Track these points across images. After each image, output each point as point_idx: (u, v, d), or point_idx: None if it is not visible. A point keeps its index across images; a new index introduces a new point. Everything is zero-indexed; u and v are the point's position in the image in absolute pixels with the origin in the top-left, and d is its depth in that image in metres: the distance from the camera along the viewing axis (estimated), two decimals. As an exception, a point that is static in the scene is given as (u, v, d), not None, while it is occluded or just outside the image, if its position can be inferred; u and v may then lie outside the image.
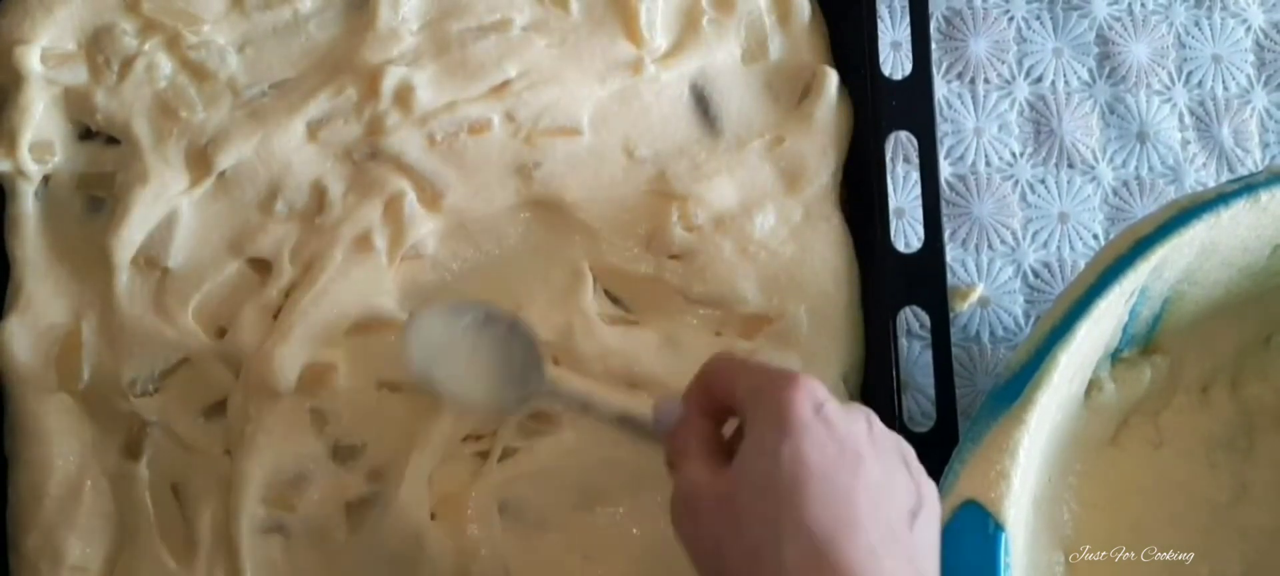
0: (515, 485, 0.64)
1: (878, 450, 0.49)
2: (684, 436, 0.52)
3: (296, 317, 0.64)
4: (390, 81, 0.67)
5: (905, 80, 0.69)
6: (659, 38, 0.70)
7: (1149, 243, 0.57)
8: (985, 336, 0.73)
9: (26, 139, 0.65)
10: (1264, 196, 0.58)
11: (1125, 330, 0.63)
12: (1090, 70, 0.78)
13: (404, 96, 0.67)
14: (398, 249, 0.66)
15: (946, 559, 0.49)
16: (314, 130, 0.67)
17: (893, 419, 0.65)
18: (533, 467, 0.65)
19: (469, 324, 0.62)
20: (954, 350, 0.66)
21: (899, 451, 0.50)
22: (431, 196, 0.67)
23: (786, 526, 0.46)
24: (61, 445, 0.63)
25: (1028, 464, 0.56)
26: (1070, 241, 0.75)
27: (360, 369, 0.65)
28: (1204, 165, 0.77)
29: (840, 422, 0.48)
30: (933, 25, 0.75)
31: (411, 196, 0.66)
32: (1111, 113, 0.77)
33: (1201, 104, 0.78)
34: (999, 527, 0.54)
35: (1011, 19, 0.78)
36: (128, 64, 0.67)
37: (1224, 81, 0.78)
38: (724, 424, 0.53)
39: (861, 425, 0.49)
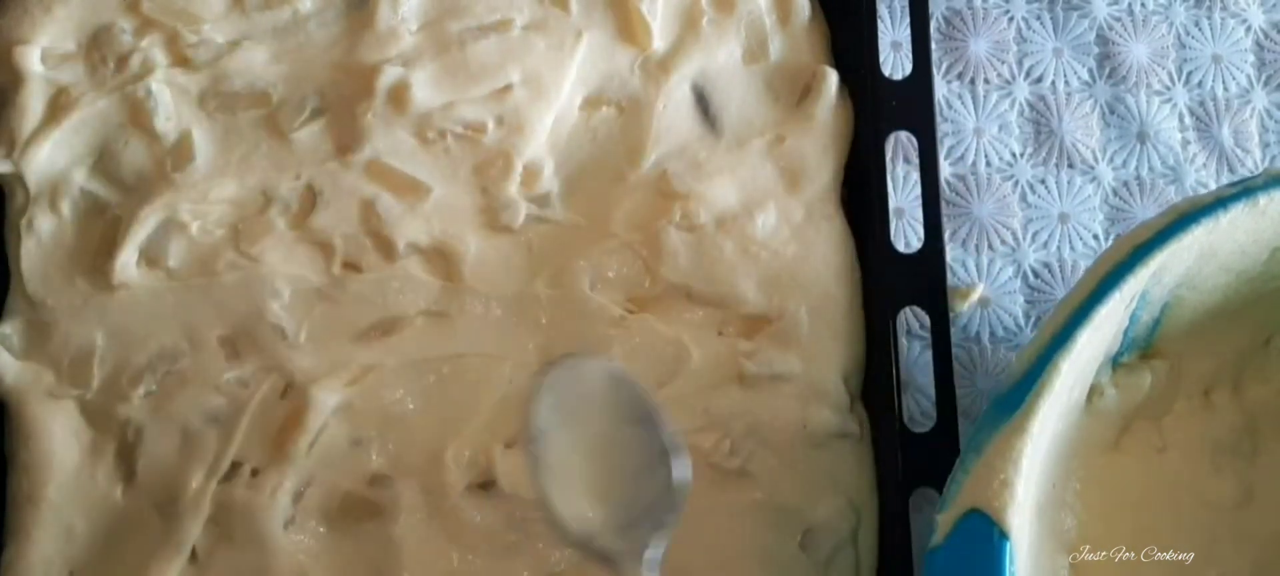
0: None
1: None
2: None
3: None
4: (385, 80, 0.66)
5: (905, 80, 0.69)
6: (659, 38, 0.70)
7: (1148, 248, 0.56)
8: (985, 336, 0.72)
9: (26, 139, 0.65)
10: (1262, 200, 0.58)
11: (1125, 335, 0.63)
12: (1090, 70, 0.77)
13: (399, 95, 0.66)
14: (393, 255, 0.66)
15: (953, 567, 0.49)
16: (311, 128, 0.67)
17: (893, 419, 0.64)
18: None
19: (627, 412, 0.57)
20: (954, 350, 0.66)
21: None
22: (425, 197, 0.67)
23: None
24: (60, 447, 0.62)
25: (1031, 471, 0.55)
26: (1070, 242, 0.74)
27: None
28: (1204, 165, 0.76)
29: None
30: (933, 25, 0.74)
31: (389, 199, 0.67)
32: (1111, 113, 0.76)
33: (1202, 104, 0.77)
34: (1004, 536, 0.53)
35: (1011, 19, 0.77)
36: (124, 62, 0.67)
37: (1224, 82, 0.77)
38: None
39: None
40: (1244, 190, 0.58)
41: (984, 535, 0.54)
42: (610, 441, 0.58)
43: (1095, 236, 0.75)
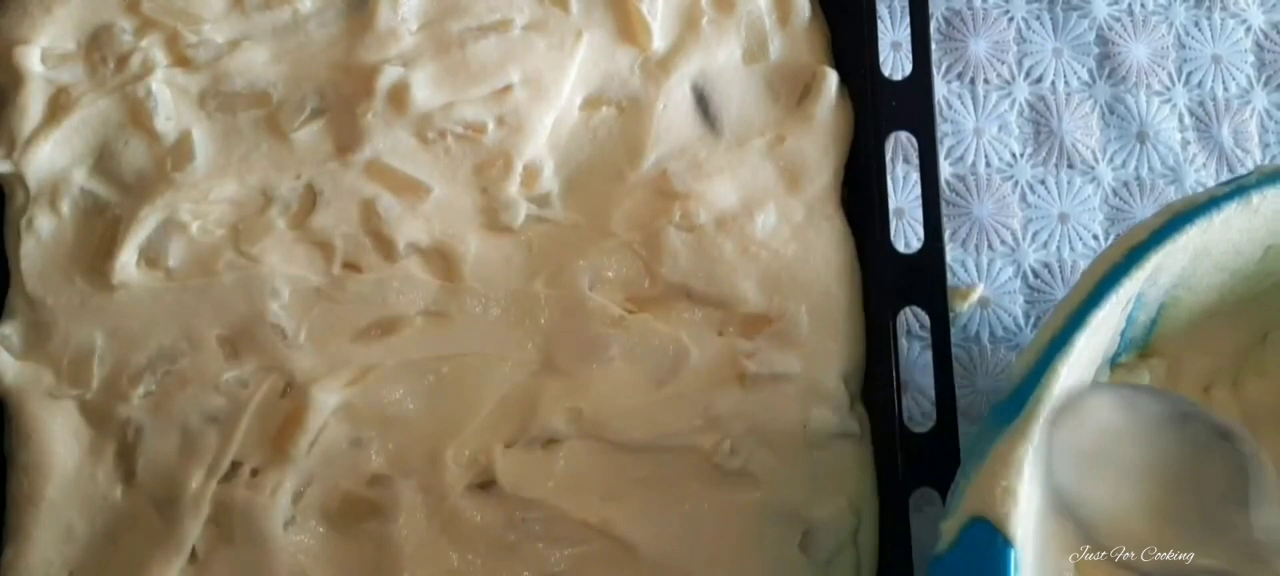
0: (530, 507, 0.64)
1: None
2: None
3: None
4: (385, 80, 0.66)
5: (905, 80, 0.68)
6: (659, 38, 0.69)
7: (1143, 249, 0.56)
8: (985, 337, 0.72)
9: (26, 139, 0.65)
10: (1255, 198, 0.57)
11: (1122, 336, 0.62)
12: (1090, 70, 0.77)
13: (399, 95, 0.66)
14: (393, 255, 0.66)
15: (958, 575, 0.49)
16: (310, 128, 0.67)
17: (893, 419, 0.64)
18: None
19: (1153, 418, 0.52)
20: (954, 350, 0.66)
21: None
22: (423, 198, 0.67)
23: None
24: (60, 447, 0.62)
25: (1033, 477, 0.55)
26: (1070, 242, 0.74)
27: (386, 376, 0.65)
28: (1204, 165, 0.76)
29: None
30: (933, 25, 0.74)
31: (389, 199, 0.67)
32: (1111, 113, 0.76)
33: (1201, 104, 0.77)
34: (1008, 543, 0.53)
35: (1011, 19, 0.77)
36: (124, 62, 0.66)
37: (1224, 82, 0.77)
38: None
39: None
40: (1237, 188, 0.58)
41: (988, 542, 0.53)
42: (1147, 463, 0.53)
43: (1095, 237, 0.75)
